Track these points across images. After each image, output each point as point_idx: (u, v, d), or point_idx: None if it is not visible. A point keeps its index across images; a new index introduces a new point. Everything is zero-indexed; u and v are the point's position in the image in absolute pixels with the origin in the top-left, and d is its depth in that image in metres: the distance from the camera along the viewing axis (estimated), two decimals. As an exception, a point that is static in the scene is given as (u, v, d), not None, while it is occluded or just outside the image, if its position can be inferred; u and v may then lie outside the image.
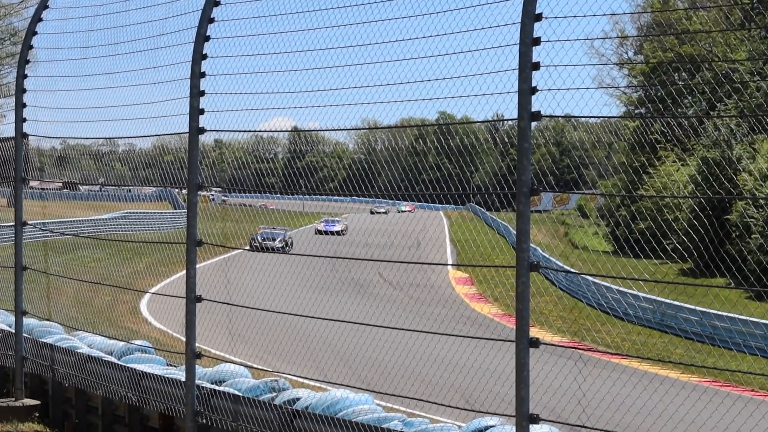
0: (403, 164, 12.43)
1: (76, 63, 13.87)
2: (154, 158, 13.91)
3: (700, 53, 44.64)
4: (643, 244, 10.35)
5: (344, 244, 26.15)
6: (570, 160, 23.77)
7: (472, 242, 17.79)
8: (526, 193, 7.57)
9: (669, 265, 30.26)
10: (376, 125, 19.03)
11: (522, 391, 7.61)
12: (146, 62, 12.23)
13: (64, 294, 17.17)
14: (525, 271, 7.61)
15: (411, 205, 35.56)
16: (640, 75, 55.36)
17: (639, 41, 56.94)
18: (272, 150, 27.94)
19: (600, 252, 31.14)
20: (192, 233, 10.78)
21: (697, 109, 41.70)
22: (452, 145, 10.74)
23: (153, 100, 12.05)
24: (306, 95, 10.24)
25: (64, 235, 17.20)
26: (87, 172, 16.53)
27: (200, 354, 10.97)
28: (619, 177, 36.65)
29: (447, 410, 11.98)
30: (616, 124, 15.38)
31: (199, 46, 10.89)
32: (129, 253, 28.85)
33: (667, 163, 32.69)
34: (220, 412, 10.80)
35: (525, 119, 7.57)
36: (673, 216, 23.35)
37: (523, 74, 7.59)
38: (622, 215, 33.30)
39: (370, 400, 10.68)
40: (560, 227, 39.04)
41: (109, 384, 12.69)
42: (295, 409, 10.32)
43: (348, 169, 10.97)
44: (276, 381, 11.62)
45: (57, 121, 14.41)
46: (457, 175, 14.17)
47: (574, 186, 35.02)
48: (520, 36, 7.63)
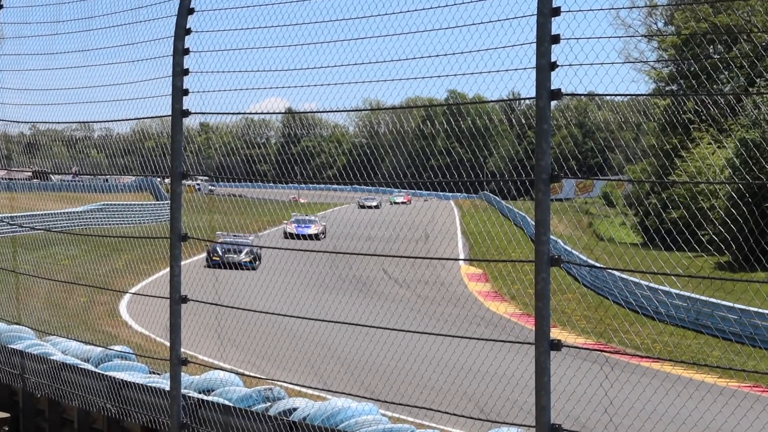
0: (410, 149, 12.45)
1: (46, 39, 13.87)
2: (134, 144, 13.92)
3: (737, 23, 44.56)
4: (676, 236, 10.34)
5: (343, 237, 26.16)
6: (594, 143, 23.79)
7: (485, 234, 17.78)
8: (545, 180, 7.57)
9: (704, 259, 30.25)
10: (379, 106, 19.05)
11: (542, 399, 7.62)
12: (124, 38, 12.23)
13: (35, 295, 17.19)
14: (545, 265, 7.61)
15: (406, 195, 34.99)
16: (671, 48, 55.32)
17: (670, 10, 56.84)
18: (264, 134, 27.95)
19: (628, 244, 31.17)
20: (176, 227, 10.79)
21: (735, 86, 41.68)
22: (463, 127, 10.74)
23: (132, 80, 12.05)
24: (301, 73, 10.24)
25: (34, 230, 17.22)
26: (59, 160, 16.55)
27: (186, 360, 10.99)
28: (649, 161, 36.65)
29: (459, 420, 12.00)
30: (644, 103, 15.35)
31: (182, 19, 10.88)
32: (107, 250, 28.86)
33: (702, 145, 32.67)
34: (208, 425, 10.82)
35: (544, 98, 7.57)
36: (709, 204, 23.37)
37: (542, 48, 7.59)
38: (652, 203, 33.32)
39: (375, 410, 10.70)
40: (583, 217, 39.07)
41: (85, 394, 12.71)
42: (291, 421, 10.34)
43: (348, 155, 10.98)
44: (270, 390, 11.64)
45: (25, 104, 14.42)
46: (469, 161, 14.19)
47: (598, 171, 35.00)
48: (538, 5, 7.62)
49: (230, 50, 10.79)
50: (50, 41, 13.76)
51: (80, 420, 13.17)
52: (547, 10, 7.59)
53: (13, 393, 14.60)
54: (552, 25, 7.58)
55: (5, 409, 14.48)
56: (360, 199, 37.53)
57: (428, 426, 16.97)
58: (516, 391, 12.24)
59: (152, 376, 13.33)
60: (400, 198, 38.23)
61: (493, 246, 20.88)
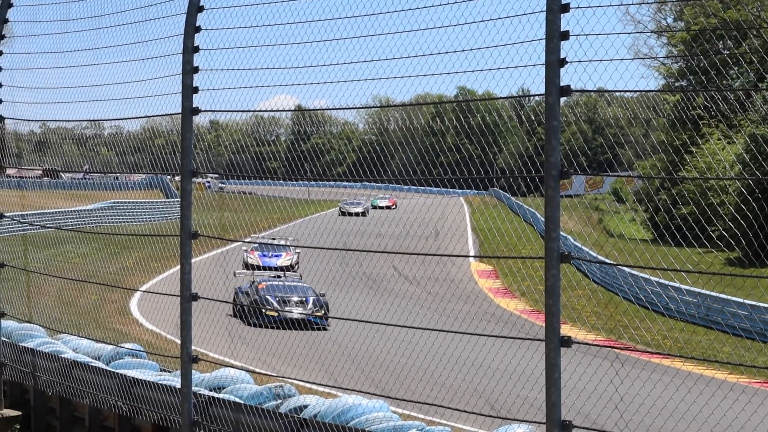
0: (419, 145, 12.44)
1: (57, 38, 13.88)
2: (144, 142, 13.93)
3: (747, 19, 44.47)
4: (686, 232, 10.32)
5: (354, 234, 26.16)
6: (603, 139, 23.76)
7: (495, 231, 17.80)
8: (555, 176, 7.56)
9: (714, 254, 30.17)
10: (388, 103, 19.04)
11: (553, 396, 7.61)
12: (134, 36, 12.24)
13: (46, 293, 17.23)
14: (555, 262, 7.60)
15: (391, 199, 31.69)
16: (680, 44, 55.19)
17: (679, 6, 56.77)
18: (274, 132, 27.94)
19: (638, 240, 31.09)
20: (186, 224, 10.80)
21: (745, 81, 41.58)
22: (473, 123, 10.73)
23: (142, 78, 12.06)
24: (311, 71, 10.24)
25: (45, 228, 17.27)
26: (69, 159, 16.56)
27: (197, 358, 11.00)
28: (659, 157, 36.57)
29: (470, 417, 11.98)
30: (654, 99, 15.33)
31: (192, 17, 10.89)
32: (117, 248, 28.94)
33: (712, 141, 32.59)
34: (219, 422, 10.83)
35: (553, 94, 7.56)
36: (719, 200, 23.32)
37: (551, 44, 7.58)
38: (662, 199, 33.26)
39: (386, 407, 10.70)
40: (593, 213, 39.03)
41: (96, 392, 12.73)
42: (302, 418, 10.34)
43: (358, 152, 10.97)
44: (281, 387, 11.65)
45: (36, 102, 14.44)
46: (478, 157, 14.17)
47: (608, 168, 34.99)
48: (547, 2, 7.62)
49: (240, 48, 10.80)
50: (60, 40, 13.78)
51: (91, 418, 13.19)
52: (556, 6, 7.58)
53: (25, 391, 14.62)
54: (561, 21, 7.57)
55: (17, 407, 14.51)
56: (342, 203, 33.66)
57: (438, 423, 16.97)
58: (526, 387, 12.23)
59: (163, 373, 13.35)
60: (384, 202, 33.96)
61: (503, 243, 20.94)
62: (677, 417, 14.33)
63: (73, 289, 16.62)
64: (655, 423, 14.17)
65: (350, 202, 34.00)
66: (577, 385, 11.21)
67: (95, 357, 14.36)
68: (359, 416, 10.38)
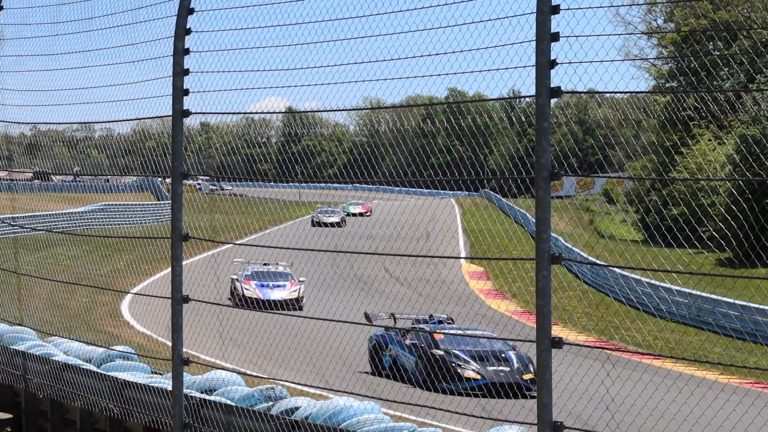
0: (410, 147, 12.45)
1: (47, 40, 13.87)
2: (135, 144, 13.93)
3: (737, 20, 44.56)
4: (676, 232, 10.35)
5: (344, 236, 26.15)
6: (594, 140, 23.81)
7: (486, 232, 17.79)
8: (545, 178, 7.57)
9: (705, 255, 30.25)
10: (379, 104, 19.06)
11: (544, 397, 7.62)
12: (124, 39, 12.24)
13: (36, 296, 17.21)
14: (546, 263, 7.61)
15: (365, 205, 30.56)
16: (670, 45, 55.29)
17: (669, 7, 56.84)
18: (265, 133, 27.92)
19: (628, 241, 31.16)
20: (177, 227, 10.79)
21: (735, 82, 41.68)
22: (464, 125, 10.75)
23: (132, 80, 12.06)
24: (301, 72, 10.24)
25: (35, 230, 17.24)
26: (60, 161, 16.56)
27: (188, 360, 10.99)
28: (649, 158, 36.67)
29: (461, 419, 12.01)
30: (644, 100, 15.37)
31: (183, 19, 10.88)
32: (108, 250, 28.88)
33: (702, 142, 32.67)
34: (210, 424, 10.82)
35: (543, 96, 7.57)
36: (710, 200, 23.38)
37: (541, 46, 7.59)
38: (652, 200, 33.34)
39: (377, 409, 10.70)
40: (584, 214, 39.08)
41: (88, 395, 12.71)
42: (293, 420, 10.34)
43: (349, 154, 10.98)
44: (272, 389, 11.65)
45: (26, 104, 14.43)
46: (469, 159, 14.19)
47: (598, 169, 35.04)
48: (537, 3, 7.63)
49: (230, 50, 10.80)
50: (51, 42, 13.77)
51: (83, 420, 13.18)
52: (546, 8, 7.59)
53: (16, 394, 14.60)
54: (551, 22, 7.58)
55: (8, 410, 14.48)
56: (316, 212, 31.80)
57: (430, 424, 16.97)
58: (518, 388, 12.23)
59: (154, 376, 13.34)
60: (357, 208, 33.23)
61: (494, 244, 20.95)
62: (668, 417, 14.36)
63: (64, 291, 16.61)
64: (647, 424, 14.19)
65: (324, 211, 33.02)
66: (569, 386, 11.22)
67: (86, 359, 14.34)
68: (351, 418, 10.38)
